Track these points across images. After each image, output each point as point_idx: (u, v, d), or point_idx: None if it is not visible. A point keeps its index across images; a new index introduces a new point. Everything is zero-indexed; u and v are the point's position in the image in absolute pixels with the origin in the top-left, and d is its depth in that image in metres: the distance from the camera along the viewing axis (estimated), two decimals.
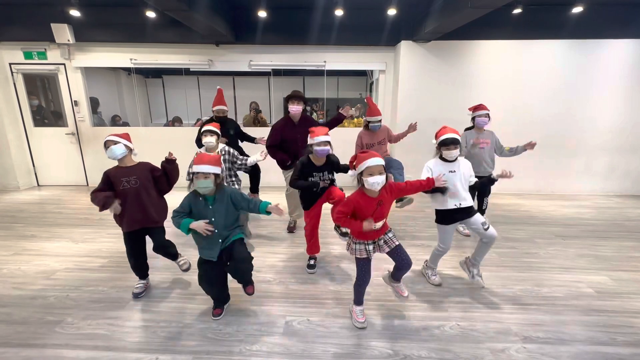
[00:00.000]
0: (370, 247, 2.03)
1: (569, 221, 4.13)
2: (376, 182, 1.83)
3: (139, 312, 2.26)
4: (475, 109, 3.41)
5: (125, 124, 6.47)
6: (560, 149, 5.28)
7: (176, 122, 6.19)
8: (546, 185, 5.43)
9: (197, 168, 1.94)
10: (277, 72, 6.31)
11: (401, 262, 2.09)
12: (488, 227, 2.37)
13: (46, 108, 5.80)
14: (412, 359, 1.86)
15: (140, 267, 2.44)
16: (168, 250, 2.46)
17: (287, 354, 1.89)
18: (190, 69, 5.51)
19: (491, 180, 2.47)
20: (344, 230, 2.94)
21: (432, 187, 2.12)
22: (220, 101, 3.72)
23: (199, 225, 1.98)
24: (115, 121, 6.19)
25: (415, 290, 2.54)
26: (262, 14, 4.81)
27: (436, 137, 2.40)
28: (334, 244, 3.32)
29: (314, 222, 2.78)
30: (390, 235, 2.07)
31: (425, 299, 2.44)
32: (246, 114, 6.00)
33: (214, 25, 4.22)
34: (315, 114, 6.26)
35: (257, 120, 5.83)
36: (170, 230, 2.44)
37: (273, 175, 3.51)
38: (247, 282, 2.18)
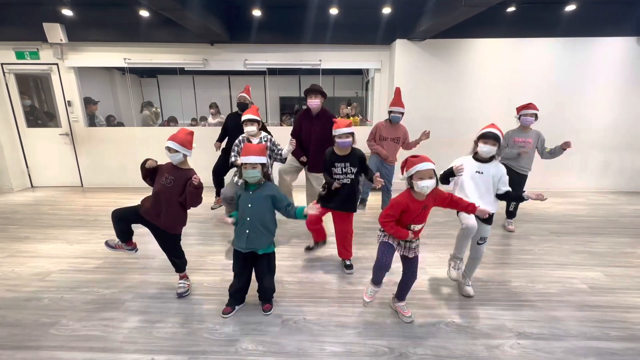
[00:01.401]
0: (401, 242, 2.03)
1: (564, 218, 4.17)
2: (426, 185, 1.83)
3: (134, 313, 2.24)
4: (523, 107, 3.37)
5: (120, 124, 6.43)
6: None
7: (171, 122, 6.16)
8: (541, 182, 5.45)
9: (244, 159, 2.03)
10: (273, 72, 6.28)
11: (409, 272, 2.11)
12: (482, 243, 2.36)
13: (39, 108, 5.74)
14: (408, 356, 1.87)
15: (120, 225, 2.32)
16: (176, 262, 2.43)
17: (284, 352, 1.89)
18: (185, 69, 5.48)
19: (521, 198, 2.21)
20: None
21: (470, 213, 2.06)
22: (245, 91, 3.81)
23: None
24: (110, 121, 6.15)
25: (411, 288, 2.54)
26: (256, 12, 4.79)
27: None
28: (330, 242, 3.32)
29: (316, 220, 2.77)
30: (418, 242, 2.06)
31: (421, 296, 2.45)
32: None
33: (209, 25, 4.19)
34: None
35: None
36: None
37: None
38: (265, 300, 2.28)
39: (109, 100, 7.51)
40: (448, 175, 2.26)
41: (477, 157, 2.29)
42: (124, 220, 2.30)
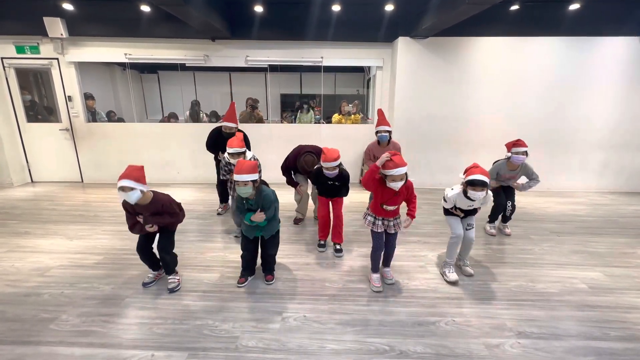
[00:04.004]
0: (380, 222, 2.42)
1: (564, 218, 4.16)
2: (396, 186, 2.23)
3: (134, 308, 2.25)
4: (513, 145, 3.25)
5: (121, 120, 6.40)
6: (555, 146, 5.31)
7: (172, 118, 6.14)
8: (542, 182, 5.45)
9: (236, 177, 2.20)
10: (274, 68, 6.26)
11: (389, 245, 2.53)
12: (471, 229, 2.67)
13: (39, 103, 5.72)
14: (408, 354, 1.87)
15: (147, 259, 2.51)
16: (166, 259, 2.45)
17: (284, 350, 1.89)
18: (186, 65, 5.45)
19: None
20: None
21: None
22: (230, 117, 3.71)
23: (258, 216, 2.33)
24: (110, 117, 6.13)
25: (412, 287, 2.55)
26: (258, 9, 4.76)
27: (465, 172, 2.46)
28: (329, 240, 3.32)
29: (325, 213, 3.14)
30: (397, 221, 2.47)
31: (421, 295, 2.45)
32: (242, 110, 5.97)
33: (210, 20, 4.17)
34: (312, 110, 6.23)
35: (253, 116, 5.80)
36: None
37: (278, 172, 3.59)
38: (268, 270, 2.61)
39: (110, 96, 7.48)
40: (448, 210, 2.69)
41: (467, 196, 2.47)
42: (144, 250, 2.46)
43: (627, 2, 4.76)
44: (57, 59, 5.13)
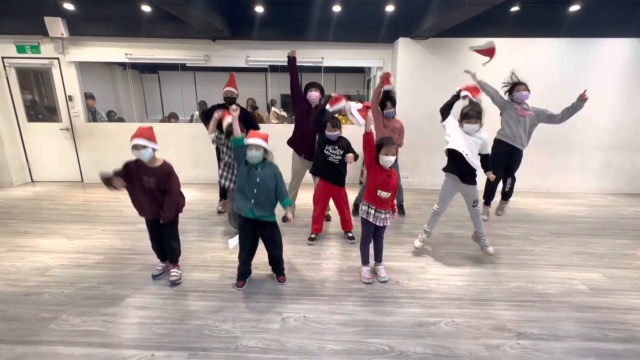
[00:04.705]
0: (372, 211, 2.46)
1: (564, 219, 4.16)
2: (389, 160, 2.37)
3: (134, 308, 2.24)
4: (512, 89, 3.38)
5: (121, 120, 6.41)
6: (555, 146, 5.31)
7: (172, 118, 6.15)
8: (542, 183, 5.47)
9: (250, 141, 2.27)
10: (275, 69, 6.27)
11: (377, 238, 2.61)
12: (475, 205, 2.82)
13: (40, 103, 5.72)
14: (408, 355, 1.87)
15: (158, 250, 2.62)
16: (173, 246, 2.54)
17: (284, 350, 1.89)
18: (187, 65, 5.46)
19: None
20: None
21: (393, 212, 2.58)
22: (231, 84, 3.78)
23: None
24: (110, 116, 6.13)
25: (411, 287, 2.55)
26: (259, 9, 4.76)
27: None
28: (331, 239, 3.32)
29: (322, 208, 3.16)
30: (388, 215, 2.50)
31: (421, 295, 2.45)
32: None
33: (211, 20, 4.18)
34: None
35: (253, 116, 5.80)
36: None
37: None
38: (279, 272, 2.58)
39: (110, 96, 7.48)
40: (449, 106, 2.95)
41: (465, 131, 2.76)
42: (157, 239, 2.56)
43: (628, 4, 4.76)
44: (58, 58, 5.13)
